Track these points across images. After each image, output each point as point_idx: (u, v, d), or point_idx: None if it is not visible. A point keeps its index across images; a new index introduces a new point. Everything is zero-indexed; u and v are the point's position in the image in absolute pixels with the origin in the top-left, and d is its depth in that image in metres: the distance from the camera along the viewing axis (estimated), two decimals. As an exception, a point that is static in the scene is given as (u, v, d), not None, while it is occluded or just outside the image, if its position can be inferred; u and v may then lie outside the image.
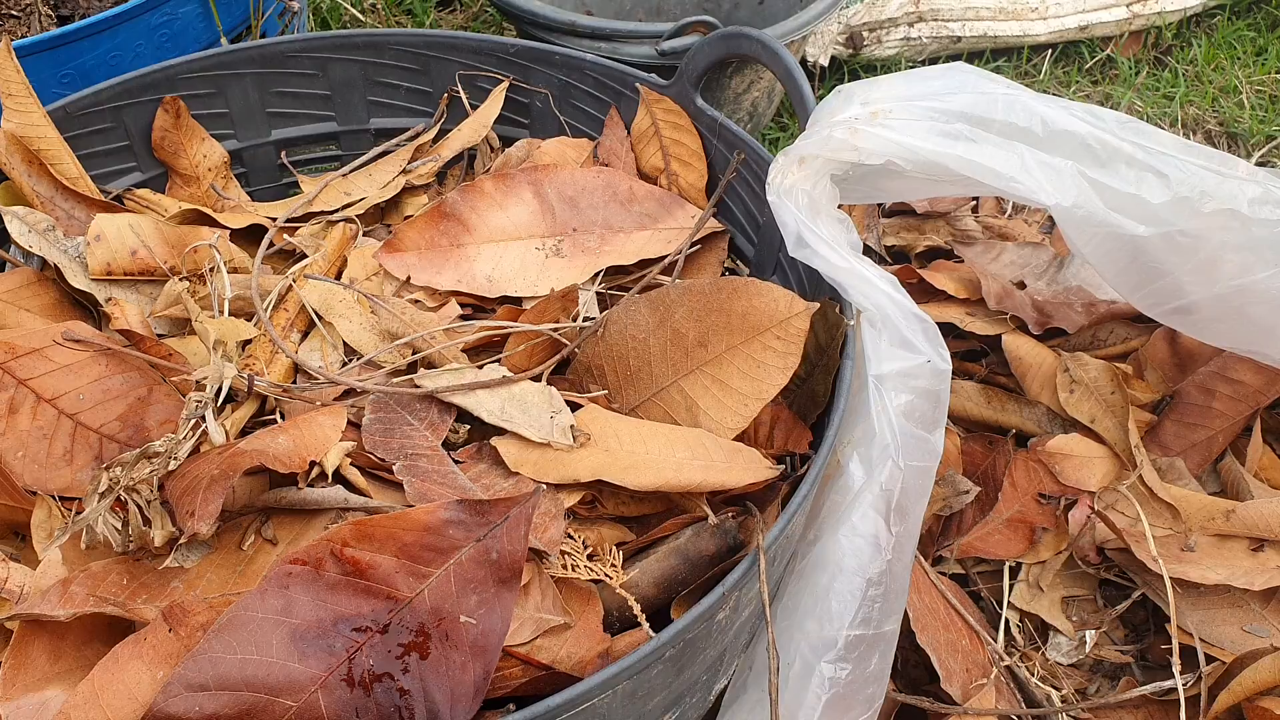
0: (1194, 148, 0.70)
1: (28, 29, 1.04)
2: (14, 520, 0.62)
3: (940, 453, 0.61)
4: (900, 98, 0.67)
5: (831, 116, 0.66)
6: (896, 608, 0.61)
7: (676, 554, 0.60)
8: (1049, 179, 0.67)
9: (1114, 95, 1.42)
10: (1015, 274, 0.97)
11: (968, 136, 0.66)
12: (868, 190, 0.70)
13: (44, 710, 0.52)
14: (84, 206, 0.78)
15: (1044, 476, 0.83)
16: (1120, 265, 0.74)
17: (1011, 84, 0.69)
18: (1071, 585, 0.81)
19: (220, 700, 0.48)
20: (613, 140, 0.85)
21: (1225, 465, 0.85)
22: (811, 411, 0.67)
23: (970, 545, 0.81)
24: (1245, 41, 1.48)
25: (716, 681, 0.63)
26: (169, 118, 0.83)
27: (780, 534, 0.55)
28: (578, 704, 0.49)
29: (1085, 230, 0.70)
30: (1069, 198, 0.67)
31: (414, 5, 1.56)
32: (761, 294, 0.64)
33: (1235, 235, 0.69)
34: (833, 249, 0.63)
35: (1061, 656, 0.77)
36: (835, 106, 0.67)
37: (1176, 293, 0.75)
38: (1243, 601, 0.76)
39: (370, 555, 0.51)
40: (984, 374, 0.92)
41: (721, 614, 0.54)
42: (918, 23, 1.43)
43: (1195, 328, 0.78)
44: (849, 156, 0.65)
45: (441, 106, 0.89)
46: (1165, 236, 0.69)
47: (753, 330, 0.64)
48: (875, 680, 0.61)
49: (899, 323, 0.62)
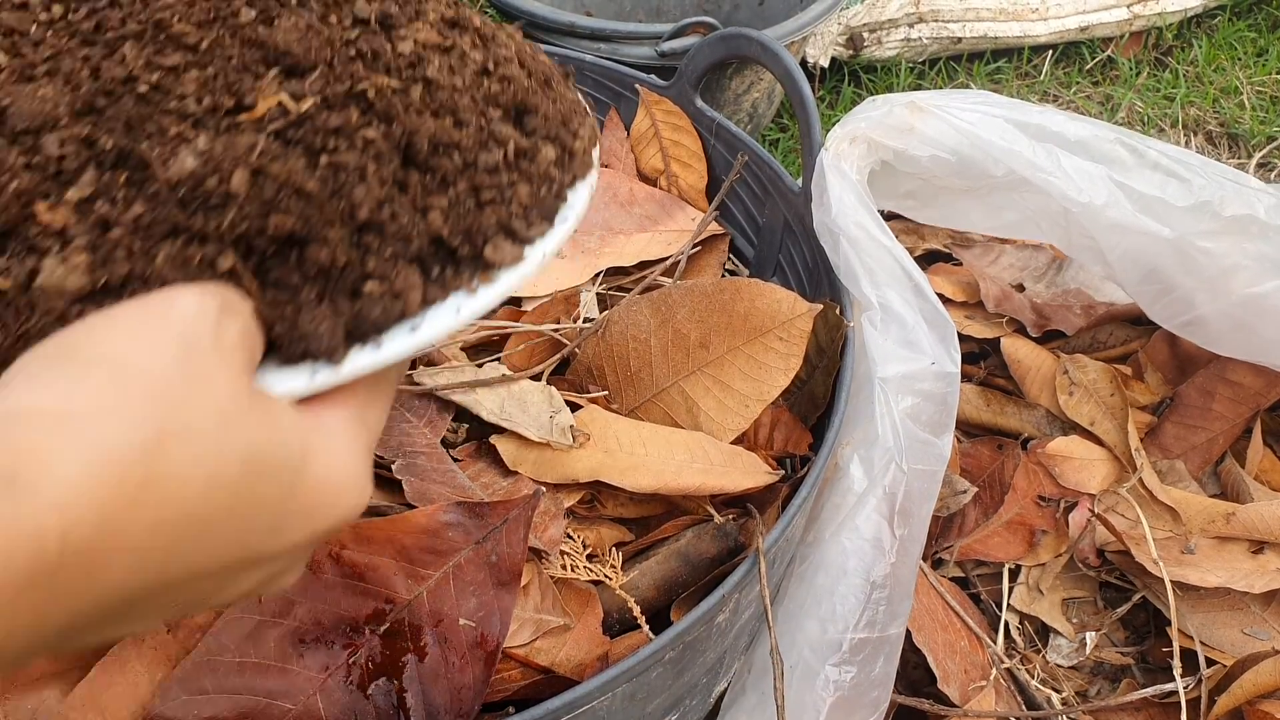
0: (1211, 162, 0.73)
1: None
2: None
3: (947, 457, 0.61)
4: (942, 100, 0.69)
5: (867, 112, 0.68)
6: (902, 611, 0.61)
7: (677, 556, 0.60)
8: (1082, 179, 0.69)
9: (1114, 96, 1.41)
10: (1014, 276, 0.97)
11: (1010, 136, 0.69)
12: (892, 197, 0.71)
13: (42, 711, 0.52)
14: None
15: (1044, 479, 0.83)
16: (1140, 274, 0.75)
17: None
18: (1071, 587, 0.81)
19: (218, 704, 0.47)
20: (612, 142, 0.85)
21: (1225, 467, 0.85)
22: (812, 414, 0.67)
23: (970, 547, 0.81)
24: (1246, 42, 1.48)
25: (716, 684, 0.63)
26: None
27: (780, 536, 0.55)
28: (577, 707, 0.48)
29: (1112, 236, 0.71)
30: (1100, 197, 0.69)
31: (413, 5, 1.55)
32: (764, 295, 0.64)
33: (1253, 241, 0.71)
34: (879, 223, 0.64)
35: (1062, 659, 0.77)
36: (871, 108, 0.69)
37: (1189, 305, 0.76)
38: (1243, 604, 0.76)
39: (369, 558, 0.51)
40: (983, 376, 0.92)
41: (721, 616, 0.54)
42: (918, 23, 1.43)
43: (1209, 339, 0.79)
44: (897, 142, 0.67)
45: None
46: (1183, 249, 0.71)
47: (755, 331, 0.64)
48: (880, 684, 0.61)
49: (912, 320, 0.62)
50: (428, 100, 0.39)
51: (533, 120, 0.42)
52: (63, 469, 0.27)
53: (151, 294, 0.33)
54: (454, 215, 0.38)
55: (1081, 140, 0.71)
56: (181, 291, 0.33)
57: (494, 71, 0.42)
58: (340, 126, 0.37)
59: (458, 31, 0.42)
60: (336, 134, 0.37)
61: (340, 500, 0.34)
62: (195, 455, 0.30)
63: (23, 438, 0.28)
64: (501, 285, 0.38)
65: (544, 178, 0.41)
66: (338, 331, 0.35)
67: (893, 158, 0.68)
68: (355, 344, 0.35)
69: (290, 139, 0.36)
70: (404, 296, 0.36)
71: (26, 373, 0.30)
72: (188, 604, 0.33)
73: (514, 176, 0.40)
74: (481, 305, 0.38)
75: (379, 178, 0.36)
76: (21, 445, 0.28)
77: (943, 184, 0.71)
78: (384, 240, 0.36)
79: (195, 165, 0.34)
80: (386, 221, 0.36)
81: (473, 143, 0.39)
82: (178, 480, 0.29)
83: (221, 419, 0.31)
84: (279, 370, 0.35)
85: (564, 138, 0.43)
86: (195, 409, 0.30)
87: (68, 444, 0.28)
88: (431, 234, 0.37)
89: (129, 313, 0.32)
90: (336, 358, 0.35)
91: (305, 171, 0.35)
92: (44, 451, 0.27)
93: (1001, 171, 0.68)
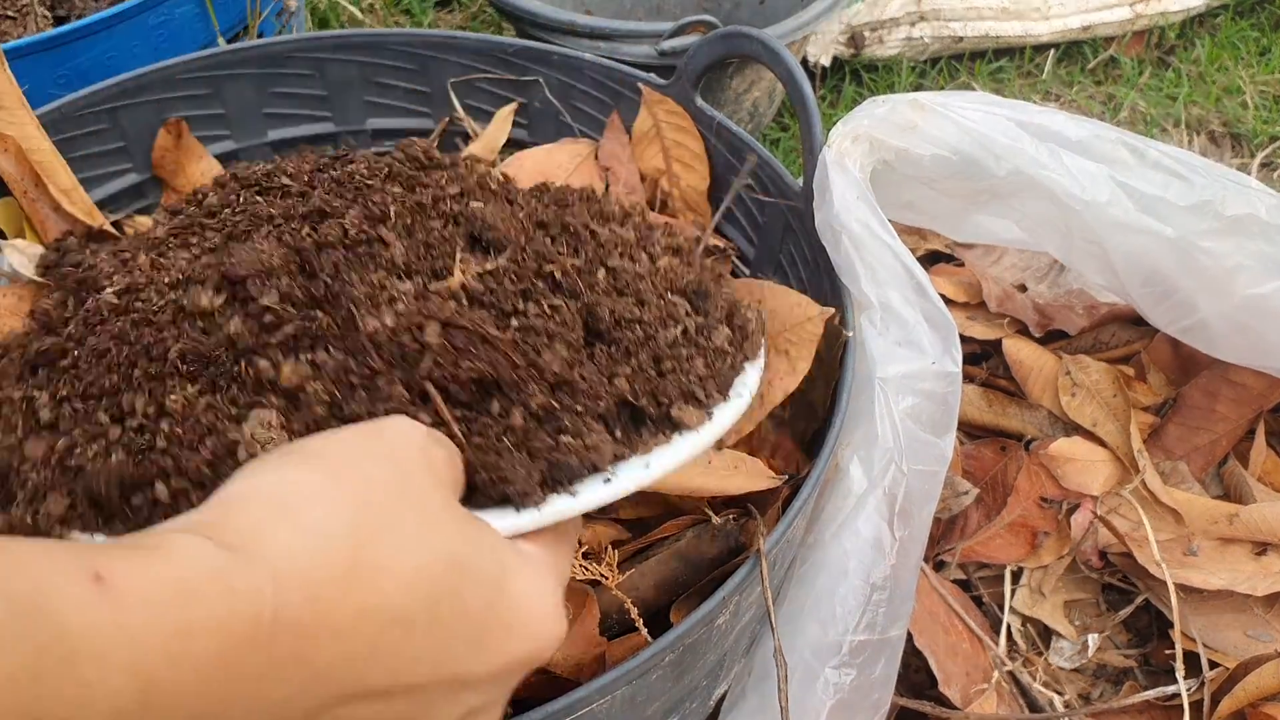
0: (1212, 163, 0.73)
1: (24, 29, 1.04)
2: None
3: (949, 458, 0.61)
4: (945, 99, 0.69)
5: (870, 111, 0.68)
6: (902, 613, 0.61)
7: (677, 556, 0.60)
8: (1084, 177, 0.69)
9: (1117, 95, 1.41)
10: (1016, 277, 0.97)
11: (1013, 133, 0.69)
12: (891, 207, 0.71)
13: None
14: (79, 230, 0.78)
15: (1046, 480, 0.83)
16: (1142, 276, 0.75)
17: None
18: (1074, 590, 0.81)
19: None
20: (614, 144, 0.84)
21: (1228, 469, 0.84)
22: (810, 425, 0.66)
23: (972, 550, 0.80)
24: (1249, 41, 1.48)
25: (717, 687, 0.63)
26: (170, 138, 0.83)
27: (781, 538, 0.55)
28: (576, 709, 0.48)
29: (1114, 235, 0.71)
30: (1103, 195, 0.69)
31: (412, 5, 1.55)
32: (776, 296, 0.63)
33: (1254, 241, 0.70)
34: (881, 221, 0.64)
35: (1064, 661, 0.77)
36: (874, 106, 0.68)
37: (1191, 308, 0.76)
38: (1246, 606, 0.76)
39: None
40: (985, 377, 0.92)
41: (722, 618, 0.54)
42: (919, 22, 1.43)
43: (1211, 344, 0.78)
44: (900, 140, 0.66)
45: (441, 126, 0.89)
46: (1185, 249, 0.71)
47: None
48: (881, 686, 0.60)
49: (913, 319, 0.62)
50: (611, 282, 0.45)
51: (707, 304, 0.47)
52: (277, 544, 0.29)
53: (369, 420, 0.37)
54: (639, 380, 0.42)
55: (1082, 141, 0.70)
56: (395, 417, 0.37)
57: (676, 260, 0.48)
58: (528, 291, 0.42)
59: (645, 229, 0.49)
60: (525, 297, 0.42)
61: (537, 627, 0.36)
62: (402, 549, 0.31)
63: (246, 515, 0.30)
64: (686, 447, 0.42)
65: (719, 353, 0.45)
66: (534, 477, 0.38)
67: (894, 157, 0.68)
68: (552, 492, 0.39)
69: (484, 302, 0.41)
70: (597, 449, 0.40)
71: (258, 463, 0.33)
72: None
73: (692, 351, 0.45)
74: (670, 462, 0.41)
75: (565, 342, 0.41)
76: (244, 522, 0.30)
77: (942, 189, 0.71)
78: (575, 397, 0.41)
79: (393, 323, 0.39)
80: (576, 381, 0.41)
81: (653, 319, 0.44)
82: (384, 571, 0.31)
83: (429, 521, 0.33)
84: (480, 511, 0.38)
85: (736, 320, 0.48)
86: (404, 509, 0.32)
87: (283, 523, 0.30)
88: (619, 395, 0.42)
89: (349, 429, 0.35)
90: (536, 500, 0.38)
91: (495, 325, 0.40)
92: (263, 528, 0.30)
93: (1004, 170, 0.68)
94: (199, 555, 0.28)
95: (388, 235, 0.42)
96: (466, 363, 0.38)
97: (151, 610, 0.26)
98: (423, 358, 0.38)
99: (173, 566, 0.27)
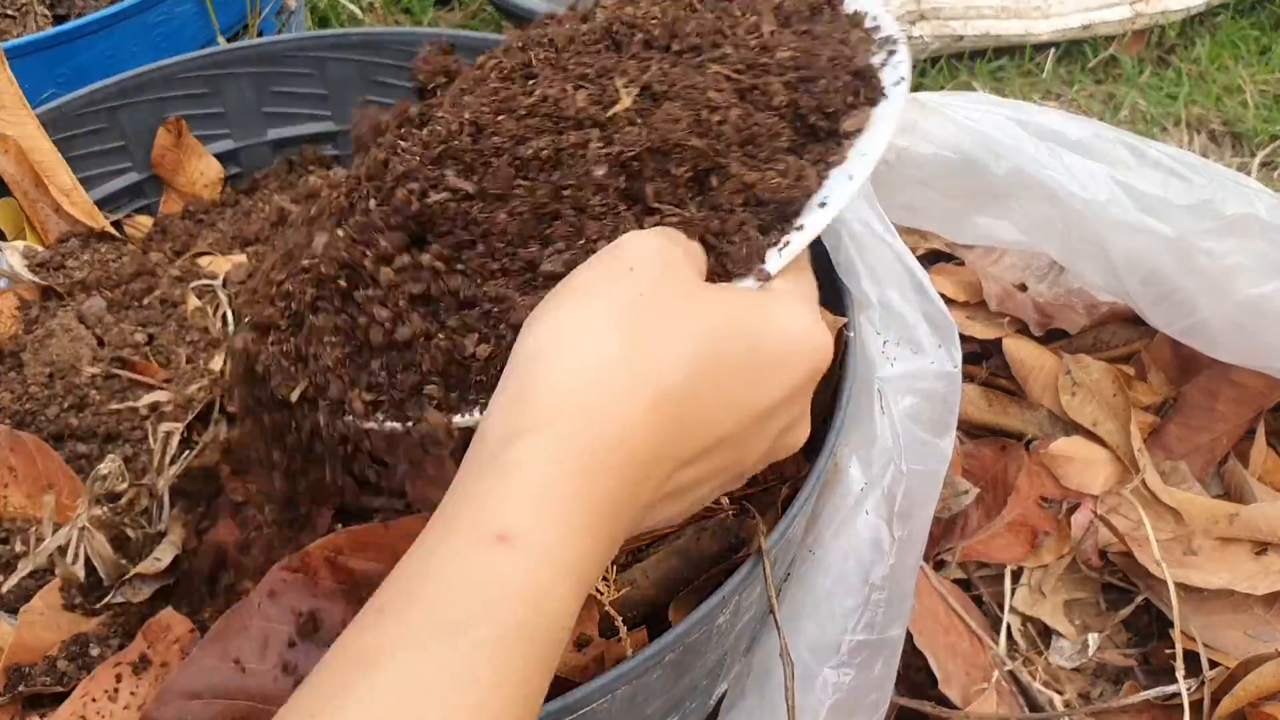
0: (1210, 163, 0.73)
1: (23, 28, 1.04)
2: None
3: (948, 458, 0.61)
4: (945, 99, 0.69)
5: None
6: (901, 613, 0.61)
7: (677, 554, 0.60)
8: (1084, 176, 0.70)
9: (1117, 94, 1.41)
10: (1016, 276, 0.96)
11: (1013, 132, 0.71)
12: (889, 209, 0.71)
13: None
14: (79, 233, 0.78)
15: (1046, 480, 0.83)
16: (1141, 275, 0.75)
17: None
18: (1074, 589, 0.80)
19: (214, 709, 0.47)
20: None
21: (1228, 468, 0.84)
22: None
23: (972, 549, 0.80)
24: (1249, 40, 1.48)
25: (717, 686, 0.63)
26: (170, 137, 0.83)
27: (781, 537, 0.55)
28: (576, 709, 0.48)
29: (1113, 235, 0.71)
30: (1103, 194, 0.70)
31: (412, 4, 1.55)
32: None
33: (1254, 240, 0.70)
34: (882, 220, 0.64)
35: (1064, 660, 0.77)
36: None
37: (1191, 309, 0.76)
38: (1246, 606, 0.76)
39: (366, 564, 0.51)
40: (985, 377, 0.92)
41: (722, 618, 0.54)
42: (919, 21, 1.43)
43: (1211, 345, 0.78)
44: (901, 139, 0.67)
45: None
46: (1185, 249, 0.71)
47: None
48: (879, 686, 0.60)
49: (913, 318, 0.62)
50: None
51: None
52: (572, 400, 0.36)
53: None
54: (803, 98, 0.46)
55: (1082, 140, 0.71)
56: (629, 235, 0.41)
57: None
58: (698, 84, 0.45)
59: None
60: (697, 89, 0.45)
61: (805, 347, 0.41)
62: (669, 340, 0.38)
63: (538, 385, 0.37)
64: (870, 144, 0.45)
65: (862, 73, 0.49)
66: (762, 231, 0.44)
67: (894, 157, 0.68)
68: (786, 234, 0.44)
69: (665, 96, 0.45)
70: (803, 177, 0.44)
71: (539, 311, 0.39)
72: (732, 465, 0.41)
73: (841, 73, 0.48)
74: (866, 167, 0.45)
75: (734, 105, 0.45)
76: (541, 395, 0.37)
77: (942, 189, 0.71)
78: (760, 145, 0.45)
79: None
80: (757, 130, 0.45)
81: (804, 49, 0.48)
82: (659, 365, 0.37)
83: (683, 308, 0.38)
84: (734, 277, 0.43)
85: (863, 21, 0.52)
86: (658, 307, 0.38)
87: (567, 371, 0.37)
88: (798, 114, 0.46)
89: (596, 259, 0.41)
90: (774, 242, 0.43)
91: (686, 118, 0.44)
92: (555, 389, 0.37)
93: (1004, 169, 0.68)
94: (543, 466, 0.35)
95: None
96: (675, 154, 0.43)
97: (548, 553, 0.34)
98: (644, 166, 0.43)
99: (533, 485, 0.35)
